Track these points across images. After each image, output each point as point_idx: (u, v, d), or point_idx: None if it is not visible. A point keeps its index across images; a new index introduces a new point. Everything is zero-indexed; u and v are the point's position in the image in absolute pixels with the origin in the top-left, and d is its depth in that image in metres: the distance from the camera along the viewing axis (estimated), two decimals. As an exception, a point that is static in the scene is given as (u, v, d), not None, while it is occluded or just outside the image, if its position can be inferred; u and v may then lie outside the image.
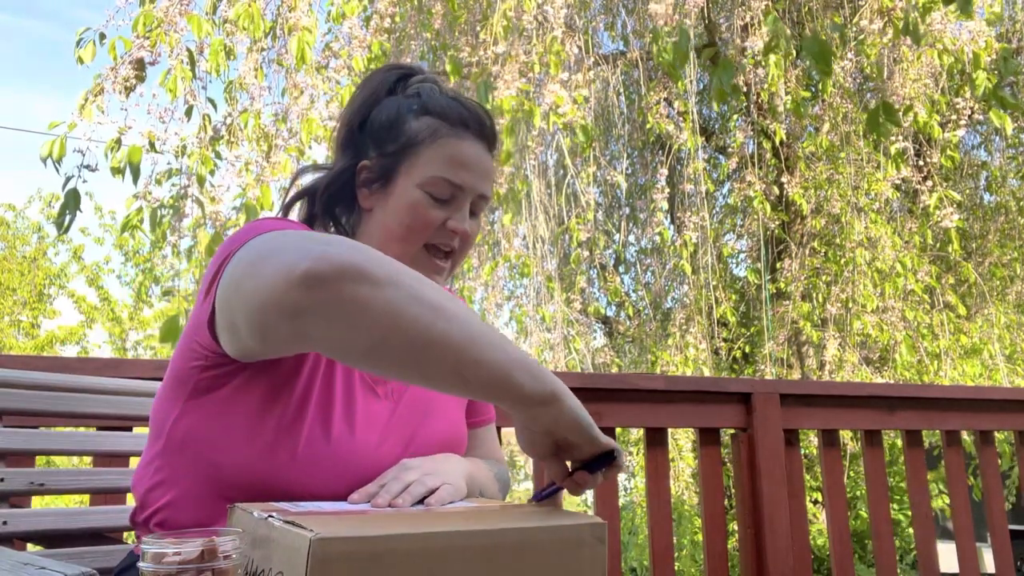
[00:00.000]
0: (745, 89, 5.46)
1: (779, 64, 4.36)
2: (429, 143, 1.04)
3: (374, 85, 1.11)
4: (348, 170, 1.08)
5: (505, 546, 0.75)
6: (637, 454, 6.16)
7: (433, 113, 1.06)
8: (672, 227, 6.37)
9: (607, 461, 0.85)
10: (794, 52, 5.15)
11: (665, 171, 5.62)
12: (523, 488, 7.35)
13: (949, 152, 5.40)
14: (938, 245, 6.28)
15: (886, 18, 4.34)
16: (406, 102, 1.07)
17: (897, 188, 5.91)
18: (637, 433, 5.73)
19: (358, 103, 1.11)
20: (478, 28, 4.90)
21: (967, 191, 7.21)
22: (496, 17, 4.27)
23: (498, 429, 1.90)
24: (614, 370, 6.49)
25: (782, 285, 6.28)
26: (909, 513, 3.25)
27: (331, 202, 1.09)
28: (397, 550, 0.68)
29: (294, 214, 1.14)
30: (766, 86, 5.14)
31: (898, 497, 6.08)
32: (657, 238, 5.85)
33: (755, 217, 5.94)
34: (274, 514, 0.73)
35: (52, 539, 1.17)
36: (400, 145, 1.05)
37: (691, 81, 5.54)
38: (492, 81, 4.10)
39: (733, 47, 5.25)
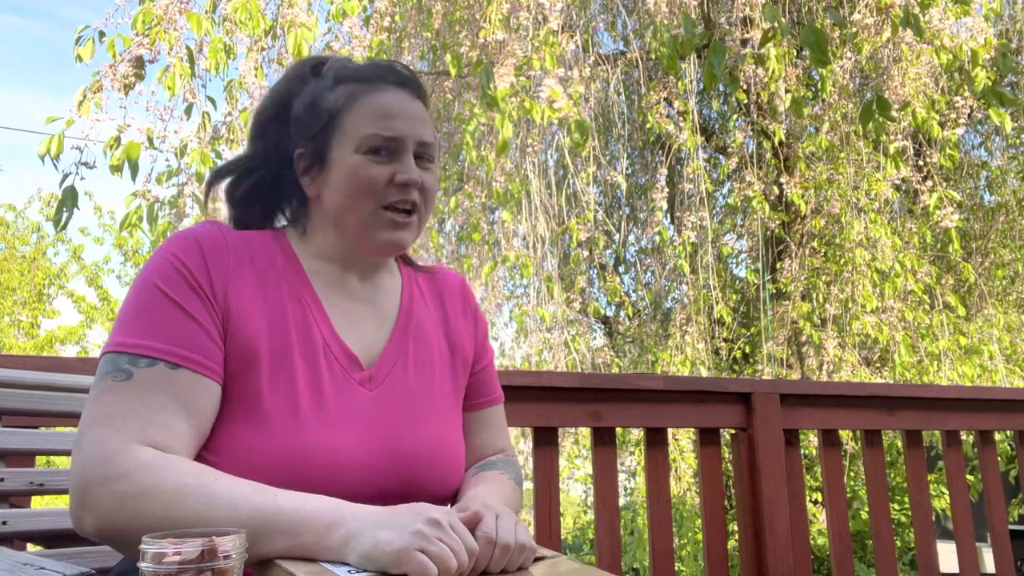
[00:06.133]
0: (744, 87, 5.45)
1: (779, 59, 4.34)
2: (350, 107, 1.03)
3: (289, 76, 1.11)
4: (268, 161, 1.08)
5: None
6: (637, 454, 6.15)
7: (346, 80, 1.06)
8: (672, 227, 6.36)
9: None
10: (794, 52, 5.14)
11: (665, 171, 5.61)
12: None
13: (949, 151, 5.39)
14: (938, 245, 6.26)
15: (884, 15, 4.34)
16: (319, 83, 1.07)
17: (897, 188, 5.90)
18: (637, 433, 5.72)
19: (273, 94, 1.11)
20: (477, 17, 4.87)
21: (967, 191, 7.20)
22: (494, 6, 4.26)
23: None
24: (614, 370, 6.48)
25: (782, 285, 6.28)
26: (909, 513, 3.25)
27: (278, 200, 1.11)
28: None
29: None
30: (766, 84, 5.13)
31: (898, 497, 6.08)
32: (657, 238, 5.85)
33: (755, 217, 5.93)
34: None
35: (52, 539, 1.16)
36: (324, 122, 1.04)
37: (691, 81, 5.53)
38: (491, 68, 4.06)
39: (732, 41, 5.24)
